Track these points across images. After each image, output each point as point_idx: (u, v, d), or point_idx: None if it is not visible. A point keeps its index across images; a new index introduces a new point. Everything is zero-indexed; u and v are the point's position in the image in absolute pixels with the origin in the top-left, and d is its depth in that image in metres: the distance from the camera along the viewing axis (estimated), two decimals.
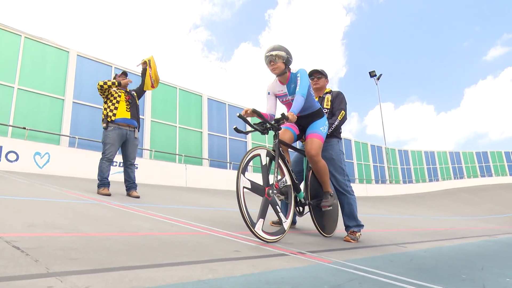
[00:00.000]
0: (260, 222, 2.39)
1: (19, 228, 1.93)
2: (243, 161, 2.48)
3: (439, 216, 13.09)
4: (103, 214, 2.93)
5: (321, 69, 3.75)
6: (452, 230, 6.71)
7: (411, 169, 32.69)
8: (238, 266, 1.65)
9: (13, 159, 8.16)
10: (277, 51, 2.94)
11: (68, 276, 1.20)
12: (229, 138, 16.23)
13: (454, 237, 5.27)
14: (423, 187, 30.33)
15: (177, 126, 14.25)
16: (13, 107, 9.84)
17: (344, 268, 1.90)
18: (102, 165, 4.64)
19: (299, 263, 1.91)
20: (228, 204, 6.20)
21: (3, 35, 9.99)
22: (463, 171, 38.04)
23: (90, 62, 11.96)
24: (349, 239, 3.18)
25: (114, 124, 4.70)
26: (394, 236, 4.28)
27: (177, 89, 14.69)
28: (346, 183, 3.42)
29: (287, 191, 2.86)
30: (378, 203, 15.86)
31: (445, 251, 3.47)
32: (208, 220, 3.42)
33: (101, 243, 1.79)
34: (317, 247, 2.63)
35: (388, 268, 2.09)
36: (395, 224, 6.62)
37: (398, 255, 2.73)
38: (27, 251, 1.43)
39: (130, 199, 4.50)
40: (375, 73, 28.61)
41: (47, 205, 3.06)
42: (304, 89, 2.90)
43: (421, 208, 17.59)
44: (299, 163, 3.54)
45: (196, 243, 2.10)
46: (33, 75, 10.43)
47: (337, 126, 3.54)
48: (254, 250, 2.14)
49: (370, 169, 26.67)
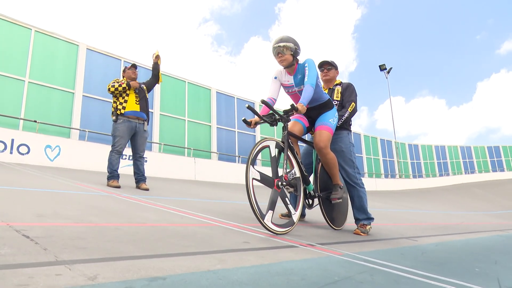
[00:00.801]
0: (270, 214, 2.37)
1: (29, 218, 1.94)
2: (252, 153, 2.45)
3: (450, 211, 12.94)
4: (112, 205, 2.94)
5: (331, 60, 3.69)
6: (463, 225, 6.61)
7: (421, 163, 32.36)
8: (247, 257, 1.63)
9: (25, 152, 8.27)
10: (285, 43, 2.89)
11: (77, 264, 1.19)
12: (238, 131, 16.22)
13: (465, 232, 5.19)
14: (433, 182, 30.00)
15: (186, 120, 14.28)
16: (24, 101, 9.95)
17: (354, 261, 1.87)
18: (111, 158, 4.66)
19: (308, 255, 1.88)
20: (237, 197, 6.19)
21: (14, 29, 10.08)
22: (474, 166, 37.50)
23: (100, 56, 12.01)
24: (359, 232, 3.14)
25: (124, 117, 4.71)
26: (404, 230, 4.23)
27: (186, 83, 14.70)
28: (356, 176, 3.37)
29: (296, 183, 2.83)
30: (387, 198, 15.74)
31: (457, 245, 3.41)
32: (217, 212, 3.42)
33: (110, 233, 1.79)
34: (327, 239, 2.60)
35: (399, 261, 2.06)
36: (405, 218, 6.55)
37: (409, 249, 2.69)
38: (37, 240, 1.43)
39: (140, 192, 4.52)
40: (385, 66, 28.20)
41: (57, 196, 3.08)
42: (312, 79, 2.85)
43: (431, 202, 17.41)
44: (308, 155, 3.50)
45: (204, 234, 2.09)
46: (44, 69, 10.52)
47: (347, 118, 3.49)
48: (263, 241, 2.12)
49: (379, 164, 26.46)
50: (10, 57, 9.88)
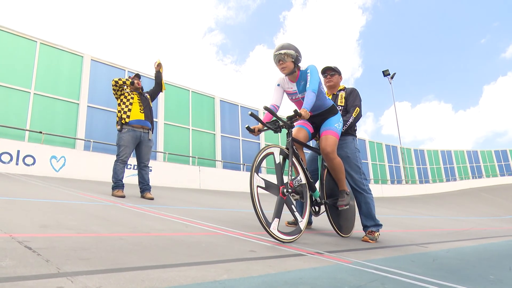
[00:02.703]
0: (276, 222, 2.32)
1: (31, 228, 1.91)
2: (256, 160, 2.42)
3: (459, 216, 12.75)
4: (116, 215, 2.91)
5: (334, 66, 3.67)
6: (473, 230, 6.50)
7: (427, 168, 32.08)
8: (254, 266, 1.59)
9: (30, 163, 8.29)
10: (286, 50, 2.87)
11: (79, 276, 1.16)
12: (242, 139, 16.20)
13: (476, 237, 5.09)
14: (440, 187, 29.68)
15: (190, 129, 14.30)
16: (30, 112, 10.02)
17: (364, 269, 1.82)
18: (116, 167, 4.65)
19: (317, 263, 1.83)
20: (242, 205, 6.14)
21: (19, 42, 10.20)
22: (481, 170, 37.11)
23: (104, 66, 12.10)
24: (368, 239, 3.08)
25: (128, 126, 4.70)
26: (413, 237, 4.15)
27: (190, 92, 14.75)
28: (363, 182, 3.32)
29: (302, 190, 2.79)
30: (394, 204, 15.57)
31: (468, 251, 3.33)
32: (222, 220, 3.38)
33: (113, 243, 1.76)
34: (335, 247, 2.55)
35: (410, 268, 2.00)
36: (413, 225, 6.46)
37: (419, 255, 2.62)
38: (39, 251, 1.41)
39: (144, 201, 4.49)
40: (389, 72, 28.15)
41: (60, 207, 3.05)
42: (314, 84, 2.83)
43: (439, 208, 17.19)
44: (313, 161, 3.46)
45: (210, 243, 2.05)
46: (49, 80, 10.60)
47: (352, 124, 3.45)
48: (270, 250, 2.07)
49: (385, 170, 26.26)
50: (16, 69, 9.99)
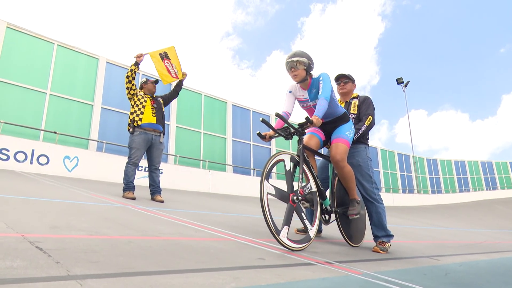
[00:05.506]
0: (285, 230, 2.30)
1: (43, 229, 1.93)
2: (267, 167, 2.40)
3: (471, 228, 12.48)
4: (127, 217, 2.93)
5: (348, 73, 3.65)
6: (486, 244, 6.34)
7: (440, 178, 31.54)
8: (262, 275, 1.57)
9: (44, 162, 8.43)
10: (299, 57, 2.86)
11: (88, 279, 1.16)
12: (253, 144, 16.20)
13: (490, 251, 4.97)
14: (453, 198, 29.09)
15: (201, 132, 14.37)
16: (45, 112, 10.20)
17: (374, 281, 1.79)
18: (127, 169, 4.69)
19: (326, 274, 1.81)
20: (252, 210, 6.12)
21: (37, 43, 10.43)
22: (496, 182, 36.29)
23: (119, 69, 12.26)
24: (378, 249, 3.02)
25: (140, 129, 4.75)
26: (425, 248, 4.07)
27: (202, 96, 14.84)
28: (374, 191, 3.27)
29: (312, 198, 2.76)
30: (405, 214, 15.33)
31: (482, 265, 3.25)
32: (232, 226, 3.36)
33: (123, 246, 1.76)
34: (345, 257, 2.51)
35: (422, 282, 1.95)
36: (425, 236, 6.33)
37: (431, 268, 2.57)
38: (50, 252, 1.42)
39: (154, 203, 4.51)
40: (402, 80, 27.88)
41: (72, 207, 3.09)
42: (327, 92, 2.81)
43: (451, 219, 16.86)
44: (324, 169, 3.43)
45: (218, 250, 2.04)
46: (65, 82, 10.80)
47: (364, 132, 3.42)
48: (279, 258, 2.05)
49: (397, 178, 25.92)
50: (33, 70, 10.20)
